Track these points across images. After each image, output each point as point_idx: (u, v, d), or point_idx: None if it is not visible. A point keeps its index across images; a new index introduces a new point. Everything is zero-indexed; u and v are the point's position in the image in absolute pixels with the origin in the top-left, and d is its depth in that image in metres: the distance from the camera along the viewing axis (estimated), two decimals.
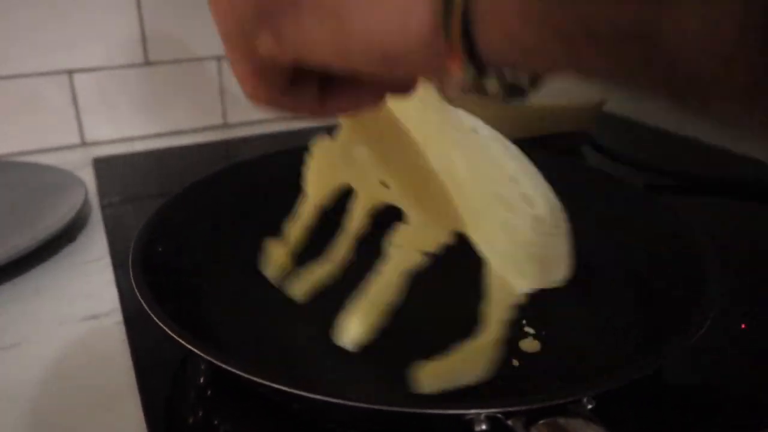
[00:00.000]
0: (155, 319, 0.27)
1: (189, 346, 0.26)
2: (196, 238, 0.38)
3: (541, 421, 0.23)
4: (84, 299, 0.39)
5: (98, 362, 0.34)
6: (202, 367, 0.32)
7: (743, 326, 0.37)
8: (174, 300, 0.31)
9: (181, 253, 0.36)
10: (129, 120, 0.68)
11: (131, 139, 0.69)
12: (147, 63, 0.67)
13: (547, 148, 0.58)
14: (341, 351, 0.32)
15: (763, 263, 0.44)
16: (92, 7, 0.62)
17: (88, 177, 0.58)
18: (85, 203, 0.49)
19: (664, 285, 0.35)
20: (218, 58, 0.70)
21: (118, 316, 0.37)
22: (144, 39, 0.66)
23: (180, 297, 0.33)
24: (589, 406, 0.24)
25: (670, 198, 0.55)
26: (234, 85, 0.70)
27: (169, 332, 0.27)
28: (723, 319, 0.29)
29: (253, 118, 0.75)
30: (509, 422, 0.23)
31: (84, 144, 0.67)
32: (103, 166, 0.61)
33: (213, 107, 0.72)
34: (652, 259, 0.38)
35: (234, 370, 0.25)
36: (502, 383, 0.30)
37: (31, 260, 0.42)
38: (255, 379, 0.24)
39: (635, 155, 0.60)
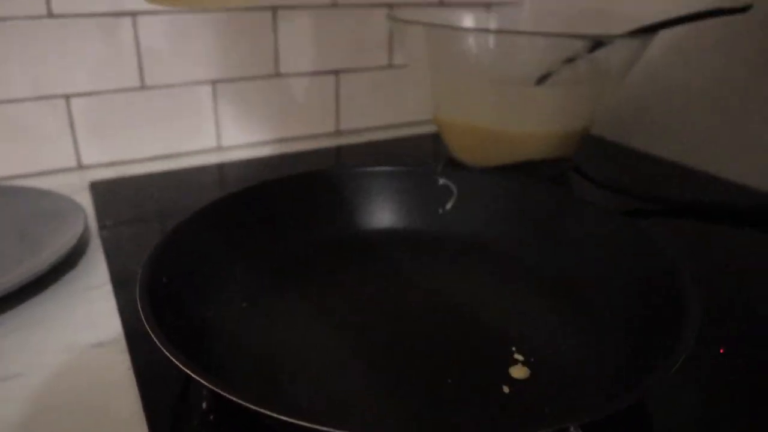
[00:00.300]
0: (166, 353, 0.28)
1: (198, 378, 0.27)
2: (201, 267, 0.40)
3: None
4: (88, 327, 0.40)
5: (104, 390, 0.35)
6: (205, 393, 0.33)
7: (721, 350, 0.39)
8: (179, 329, 0.33)
9: (186, 282, 0.37)
10: (125, 143, 0.69)
11: (127, 162, 0.70)
12: (143, 87, 0.68)
13: (532, 175, 0.60)
14: (349, 380, 0.34)
15: (740, 286, 0.47)
16: (88, 32, 0.63)
17: (85, 201, 0.59)
18: (86, 229, 0.50)
19: (645, 311, 0.37)
20: (213, 82, 0.71)
21: (122, 344, 0.38)
22: (140, 63, 0.67)
23: (185, 326, 0.34)
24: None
25: (655, 222, 0.57)
26: (229, 109, 0.72)
27: (179, 364, 0.28)
28: (701, 344, 0.31)
29: (246, 141, 0.76)
30: None
31: (80, 167, 0.68)
32: (100, 190, 0.62)
33: (207, 130, 0.74)
34: (632, 286, 0.40)
35: (242, 402, 0.26)
36: (492, 411, 0.31)
37: (33, 287, 0.43)
38: (261, 410, 0.26)
39: (620, 180, 0.62)
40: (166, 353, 0.28)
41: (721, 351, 0.39)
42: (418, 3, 0.81)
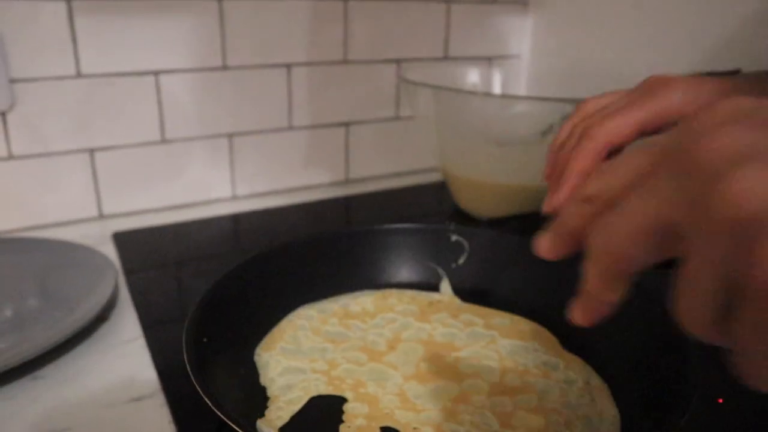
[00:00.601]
0: (219, 414, 0.31)
1: None
2: (237, 325, 0.42)
3: None
4: (126, 381, 0.42)
5: None
6: None
7: (720, 401, 0.42)
8: (224, 387, 0.35)
9: (227, 342, 0.40)
10: (145, 194, 0.72)
11: (146, 211, 0.73)
12: (163, 141, 0.71)
13: (535, 228, 0.64)
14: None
15: None
16: (113, 90, 0.67)
17: (109, 251, 0.62)
18: (116, 283, 0.53)
19: (651, 366, 0.40)
20: (229, 136, 0.75)
21: (160, 398, 0.41)
22: (161, 117, 0.70)
23: (230, 384, 0.37)
24: None
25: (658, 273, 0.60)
26: (244, 160, 0.75)
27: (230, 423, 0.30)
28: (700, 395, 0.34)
29: (260, 191, 0.79)
30: None
31: (102, 217, 0.71)
32: (123, 241, 0.65)
33: (223, 181, 0.77)
34: (637, 341, 0.42)
35: None
36: None
37: (69, 342, 0.46)
38: None
39: None
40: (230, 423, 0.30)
41: (720, 401, 0.41)
42: (424, 58, 0.85)
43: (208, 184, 0.76)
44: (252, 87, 0.74)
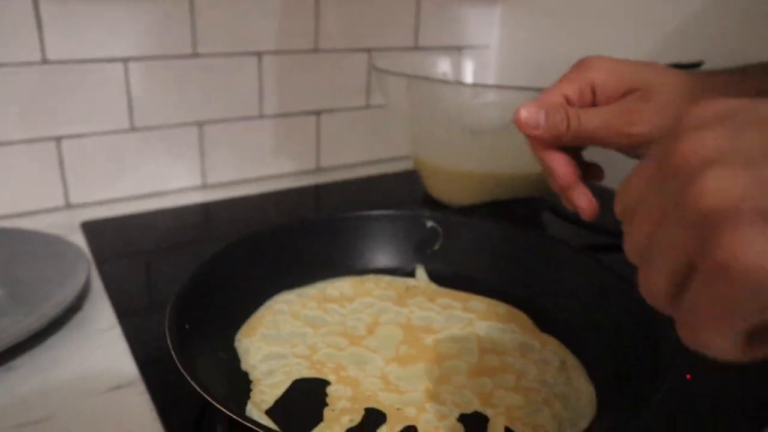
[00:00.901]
0: (206, 397, 0.31)
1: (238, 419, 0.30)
2: (217, 312, 0.42)
3: None
4: (104, 370, 0.42)
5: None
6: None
7: (688, 376, 0.43)
8: (207, 372, 0.35)
9: (207, 329, 0.40)
10: (113, 183, 0.71)
11: (115, 201, 0.71)
12: (132, 129, 0.70)
13: (510, 215, 0.65)
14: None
15: None
16: (81, 77, 0.65)
17: (78, 241, 0.61)
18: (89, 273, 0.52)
19: (623, 345, 0.41)
20: (199, 124, 0.74)
21: (140, 386, 0.40)
22: (130, 105, 0.69)
23: (213, 369, 0.37)
24: None
25: (621, 256, 0.62)
26: (213, 147, 0.74)
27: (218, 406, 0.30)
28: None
29: (230, 179, 0.79)
30: None
31: (69, 207, 0.69)
32: (92, 230, 0.64)
33: (193, 170, 0.76)
34: (609, 321, 0.44)
35: None
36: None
37: (43, 333, 0.45)
38: None
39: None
40: (218, 405, 0.30)
41: (688, 377, 0.43)
42: (394, 47, 0.85)
43: (178, 173, 0.75)
44: (222, 75, 0.73)
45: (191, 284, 0.41)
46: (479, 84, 0.81)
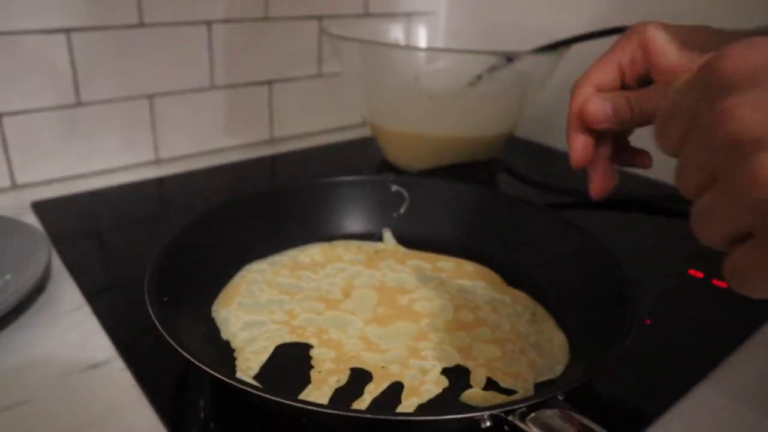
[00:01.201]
0: (201, 365, 0.31)
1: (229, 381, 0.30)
2: (191, 283, 0.42)
3: (532, 414, 0.29)
4: (78, 349, 0.41)
5: (118, 410, 0.36)
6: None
7: (648, 321, 0.46)
8: (190, 343, 0.35)
9: (183, 301, 0.40)
10: (62, 160, 0.68)
11: (64, 179, 0.69)
12: (78, 104, 0.67)
13: (468, 177, 0.66)
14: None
15: (654, 263, 0.54)
16: (21, 49, 0.62)
17: (31, 221, 0.58)
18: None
19: (589, 294, 0.44)
20: (149, 97, 0.72)
21: (119, 363, 0.40)
22: (75, 79, 0.66)
23: (195, 340, 0.36)
24: (561, 398, 0.31)
25: (577, 214, 0.64)
26: (164, 121, 0.72)
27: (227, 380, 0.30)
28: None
29: (184, 153, 0.77)
30: (509, 418, 0.29)
31: (15, 187, 0.66)
32: (44, 210, 0.61)
33: (145, 144, 0.74)
34: (574, 275, 0.46)
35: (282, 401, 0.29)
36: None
37: (9, 315, 0.43)
38: (269, 396, 0.29)
39: (543, 177, 0.69)
40: (209, 371, 0.30)
41: (648, 322, 0.46)
42: (345, 15, 0.84)
43: (130, 148, 0.73)
44: (171, 45, 0.71)
45: (165, 257, 0.41)
46: (433, 48, 0.82)
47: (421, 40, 0.86)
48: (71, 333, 0.43)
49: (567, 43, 0.66)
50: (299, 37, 0.82)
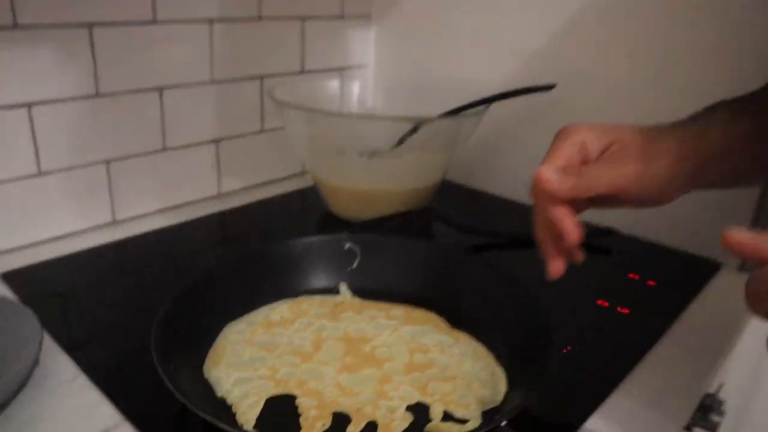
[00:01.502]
0: (219, 423, 0.37)
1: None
2: (184, 349, 0.48)
3: None
4: (85, 417, 0.46)
5: None
6: None
7: (568, 348, 0.56)
8: (199, 402, 0.41)
9: (181, 365, 0.46)
10: (24, 228, 0.72)
11: (27, 246, 0.72)
12: (40, 173, 0.71)
13: (404, 227, 0.76)
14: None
15: (568, 296, 0.65)
16: None
17: (4, 292, 0.62)
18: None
19: (518, 330, 0.53)
20: (107, 162, 0.76)
21: (128, 427, 0.45)
22: (36, 151, 0.70)
23: (198, 399, 0.43)
24: (503, 423, 0.40)
25: (503, 254, 0.74)
26: (122, 185, 0.77)
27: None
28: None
29: (139, 213, 0.82)
30: None
31: None
32: (15, 280, 0.65)
33: (103, 207, 0.78)
34: (503, 312, 0.55)
35: None
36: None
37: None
38: None
39: (468, 220, 0.79)
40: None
41: (569, 348, 0.56)
42: (283, 73, 0.92)
43: (87, 211, 0.77)
44: (126, 113, 0.76)
45: (164, 326, 0.47)
46: (363, 115, 0.89)
47: (355, 93, 0.95)
48: (74, 403, 0.47)
49: (488, 101, 0.76)
50: (243, 96, 0.88)
